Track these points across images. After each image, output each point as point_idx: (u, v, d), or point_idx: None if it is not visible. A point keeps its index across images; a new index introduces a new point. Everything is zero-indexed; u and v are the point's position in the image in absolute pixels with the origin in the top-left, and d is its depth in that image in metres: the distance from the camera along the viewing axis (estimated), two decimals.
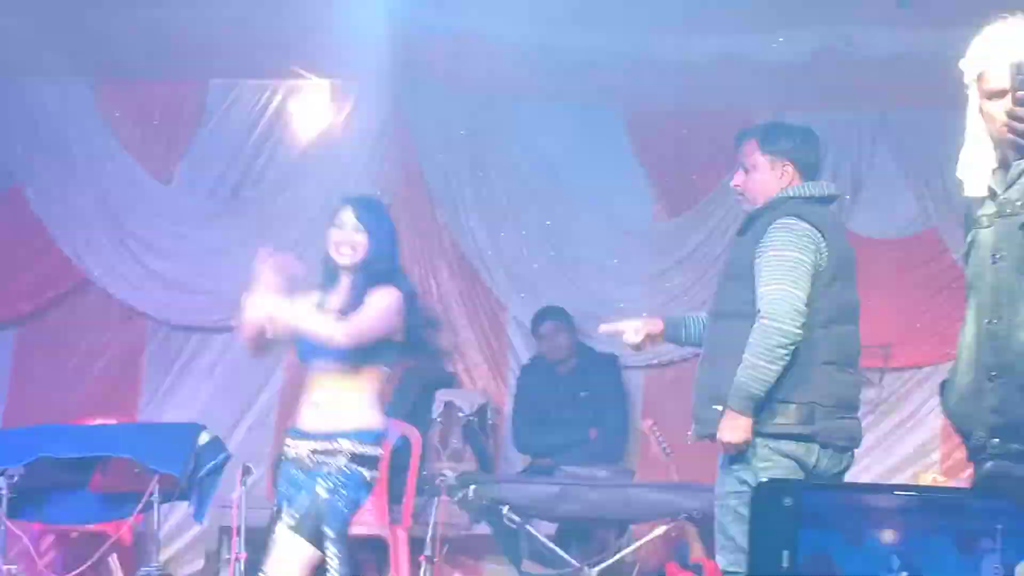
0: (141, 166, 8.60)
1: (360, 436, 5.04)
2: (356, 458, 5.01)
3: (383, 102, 8.61)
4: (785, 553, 1.50)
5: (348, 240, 5.13)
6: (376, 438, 5.08)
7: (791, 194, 4.98)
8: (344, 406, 5.05)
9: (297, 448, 5.07)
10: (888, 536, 1.56)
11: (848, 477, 6.49)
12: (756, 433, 4.71)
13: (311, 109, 8.65)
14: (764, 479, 4.43)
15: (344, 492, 4.99)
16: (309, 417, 5.09)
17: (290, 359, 8.31)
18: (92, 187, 8.55)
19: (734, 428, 4.71)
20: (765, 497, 1.51)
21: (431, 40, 8.48)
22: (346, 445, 5.00)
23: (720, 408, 4.75)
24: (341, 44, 8.51)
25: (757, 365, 4.68)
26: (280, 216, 8.55)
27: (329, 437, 5.02)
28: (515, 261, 8.46)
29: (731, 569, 4.63)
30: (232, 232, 8.56)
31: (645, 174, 8.49)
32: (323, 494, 4.98)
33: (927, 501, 1.58)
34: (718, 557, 4.77)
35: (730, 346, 4.79)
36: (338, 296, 5.14)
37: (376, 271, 5.12)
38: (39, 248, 8.56)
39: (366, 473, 5.03)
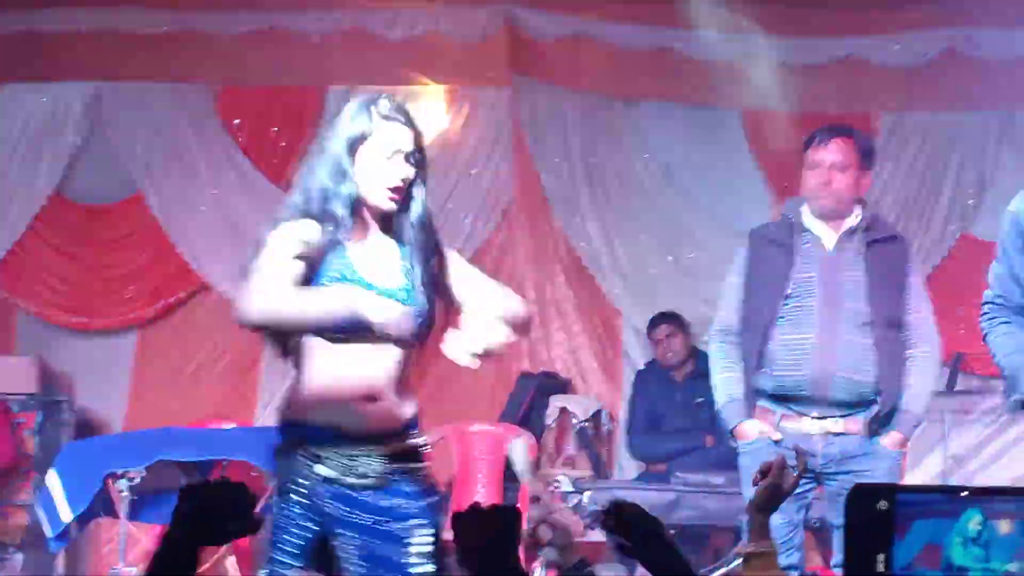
0: (260, 172, 8.67)
1: None
2: None
3: (500, 107, 8.61)
4: (880, 557, 1.48)
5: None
6: None
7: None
8: None
9: None
10: (1005, 527, 1.53)
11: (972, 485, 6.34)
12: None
13: (428, 114, 8.68)
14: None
15: None
16: None
17: None
18: (211, 192, 8.64)
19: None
20: (859, 501, 1.49)
21: (547, 44, 8.51)
22: None
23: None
24: (458, 49, 8.57)
25: (931, 395, 5.16)
26: None
27: None
28: (631, 265, 8.41)
29: None
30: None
31: (763, 176, 8.40)
32: None
33: None
34: None
35: (898, 356, 5.06)
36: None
37: None
38: (159, 253, 8.67)
39: None
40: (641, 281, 8.39)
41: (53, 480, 6.82)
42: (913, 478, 7.82)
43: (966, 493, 1.61)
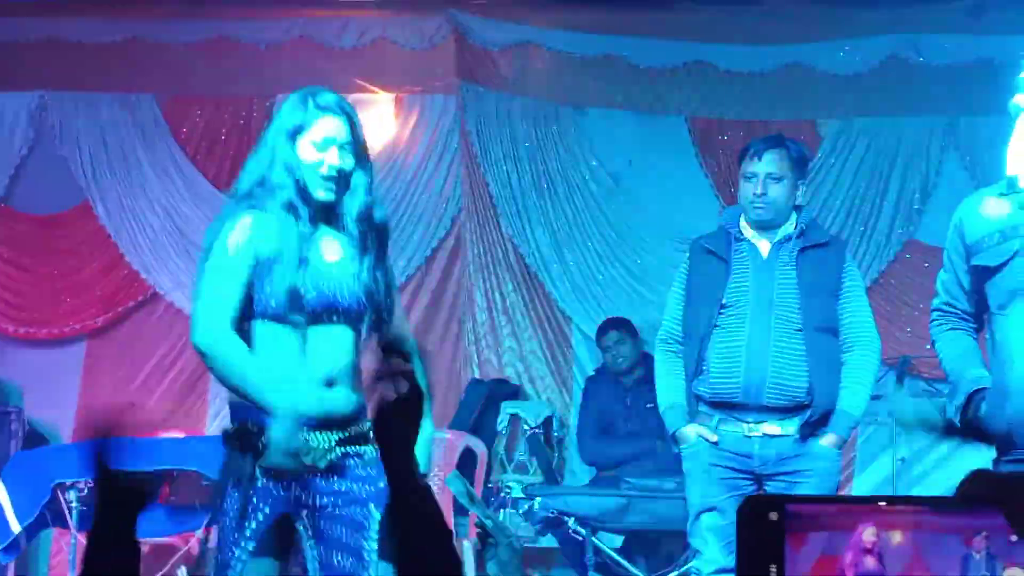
0: (208, 180, 8.65)
1: None
2: None
3: (447, 114, 8.63)
4: (773, 568, 1.51)
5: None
6: None
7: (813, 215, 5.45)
8: None
9: None
10: (897, 537, 1.56)
11: (926, 489, 6.44)
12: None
13: (376, 122, 8.68)
14: None
15: None
16: None
17: None
18: (160, 202, 8.61)
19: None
20: (750, 512, 1.52)
21: (494, 51, 8.54)
22: None
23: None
24: (406, 57, 8.58)
25: (868, 395, 5.17)
26: None
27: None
28: (580, 271, 8.45)
29: None
30: None
31: (710, 184, 8.46)
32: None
33: (928, 505, 1.60)
34: None
35: (833, 360, 5.10)
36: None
37: None
38: (108, 262, 8.64)
39: None
40: (590, 287, 8.43)
41: (1, 491, 6.78)
42: (863, 481, 7.90)
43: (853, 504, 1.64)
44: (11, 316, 8.60)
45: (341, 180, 3.76)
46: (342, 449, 3.74)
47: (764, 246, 5.21)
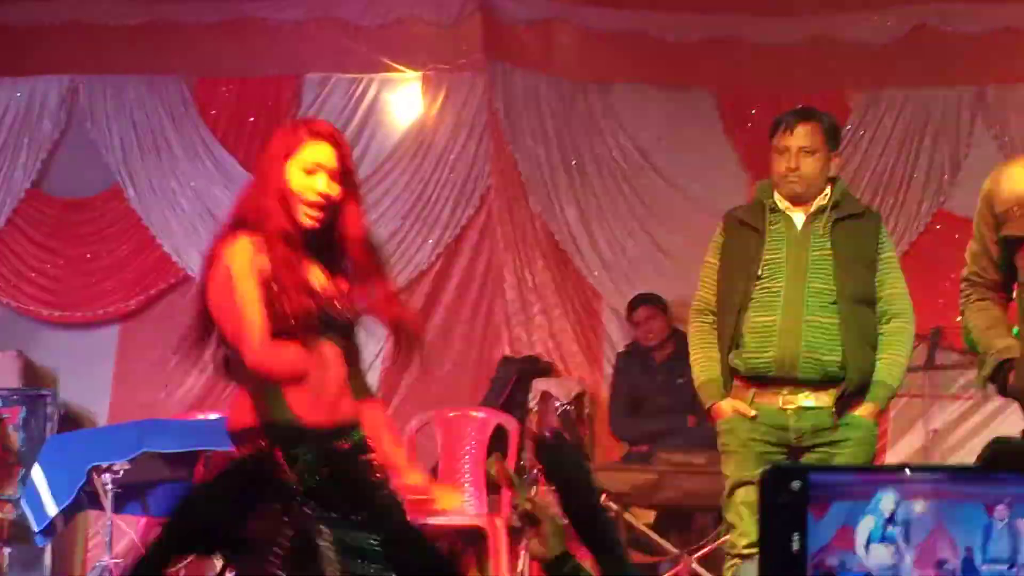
0: (238, 162, 8.67)
1: None
2: None
3: (475, 92, 8.63)
4: (795, 536, 1.52)
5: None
6: None
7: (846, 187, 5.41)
8: None
9: None
10: (919, 506, 1.57)
11: (954, 460, 6.43)
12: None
13: (404, 101, 8.70)
14: None
15: None
16: None
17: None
18: (190, 183, 8.64)
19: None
20: (773, 482, 1.53)
21: (520, 28, 8.53)
22: None
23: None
24: (432, 35, 8.58)
25: (904, 366, 5.17)
26: (375, 209, 8.60)
27: None
28: (609, 248, 8.44)
29: None
30: None
31: (738, 157, 8.44)
32: None
33: (950, 473, 1.61)
34: None
35: (867, 333, 5.10)
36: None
37: None
38: (139, 245, 8.67)
39: None
40: (620, 263, 8.43)
41: (38, 474, 6.83)
42: (895, 453, 7.89)
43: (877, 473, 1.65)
44: (44, 300, 8.64)
45: (327, 208, 3.76)
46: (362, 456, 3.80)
47: (798, 218, 5.20)
